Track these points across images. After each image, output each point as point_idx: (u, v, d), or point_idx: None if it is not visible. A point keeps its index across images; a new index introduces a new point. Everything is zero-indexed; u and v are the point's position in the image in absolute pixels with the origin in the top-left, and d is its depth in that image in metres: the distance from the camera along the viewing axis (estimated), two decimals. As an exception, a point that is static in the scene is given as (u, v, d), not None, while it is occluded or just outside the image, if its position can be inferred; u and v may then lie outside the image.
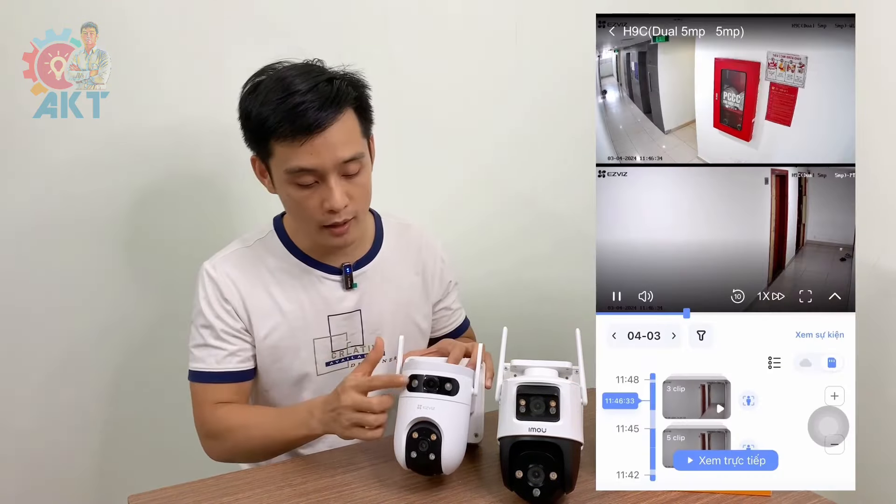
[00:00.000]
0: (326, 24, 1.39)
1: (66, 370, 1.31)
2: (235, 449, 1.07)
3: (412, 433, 0.92)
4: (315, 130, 0.97)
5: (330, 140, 0.98)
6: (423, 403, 0.92)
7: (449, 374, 0.94)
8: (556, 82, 1.63)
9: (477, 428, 1.05)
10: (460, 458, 0.94)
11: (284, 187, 1.03)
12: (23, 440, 1.30)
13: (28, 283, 1.26)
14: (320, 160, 0.99)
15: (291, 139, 0.97)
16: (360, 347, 1.16)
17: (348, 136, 1.01)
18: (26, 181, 1.24)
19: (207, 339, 1.08)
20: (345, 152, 1.00)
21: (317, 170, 1.00)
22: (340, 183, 1.02)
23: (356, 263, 1.15)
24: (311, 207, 1.03)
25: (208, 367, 1.08)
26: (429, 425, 0.91)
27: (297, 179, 1.01)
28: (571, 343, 0.98)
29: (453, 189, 1.58)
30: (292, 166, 0.99)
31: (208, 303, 1.08)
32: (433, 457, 0.91)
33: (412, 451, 0.92)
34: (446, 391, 0.93)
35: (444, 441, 0.91)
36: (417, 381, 0.94)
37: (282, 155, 1.00)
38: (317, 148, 0.98)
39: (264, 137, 1.00)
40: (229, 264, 1.10)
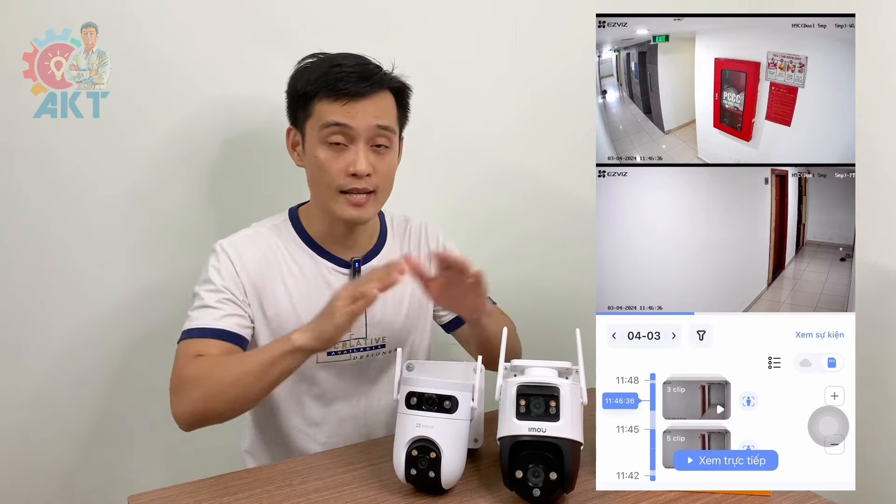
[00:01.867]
0: (326, 24, 1.39)
1: (66, 370, 1.30)
2: (207, 390, 0.98)
3: (411, 450, 0.91)
4: (356, 96, 1.06)
5: (367, 107, 1.07)
6: (422, 422, 0.92)
7: (447, 391, 0.93)
8: (555, 82, 1.63)
9: (477, 433, 1.05)
10: (460, 473, 0.93)
11: (314, 148, 1.08)
12: (23, 440, 1.30)
13: (28, 282, 1.26)
14: (355, 120, 1.06)
15: (334, 98, 1.06)
16: (363, 340, 1.18)
17: (384, 111, 1.09)
18: (26, 181, 1.24)
19: (208, 300, 1.06)
20: (380, 120, 1.08)
21: (350, 128, 1.06)
22: (368, 152, 1.08)
23: (363, 258, 1.18)
24: (335, 170, 1.07)
25: (203, 324, 1.04)
26: (428, 443, 0.91)
27: (329, 137, 1.07)
28: (571, 343, 0.98)
29: (452, 189, 1.58)
30: (329, 120, 1.06)
31: (218, 272, 1.08)
32: (433, 474, 0.91)
33: (412, 469, 0.92)
34: (445, 409, 0.92)
35: (444, 459, 0.91)
36: (416, 398, 0.93)
37: (321, 112, 1.07)
38: (355, 109, 1.06)
39: (309, 98, 1.08)
40: (243, 243, 1.12)
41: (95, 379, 1.33)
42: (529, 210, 1.67)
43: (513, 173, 1.64)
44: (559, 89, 1.63)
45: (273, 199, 1.30)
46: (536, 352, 1.08)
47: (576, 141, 1.60)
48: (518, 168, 1.64)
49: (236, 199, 1.38)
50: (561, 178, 1.67)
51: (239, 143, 1.36)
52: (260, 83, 1.34)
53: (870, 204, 1.27)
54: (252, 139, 1.36)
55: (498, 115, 1.60)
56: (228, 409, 0.99)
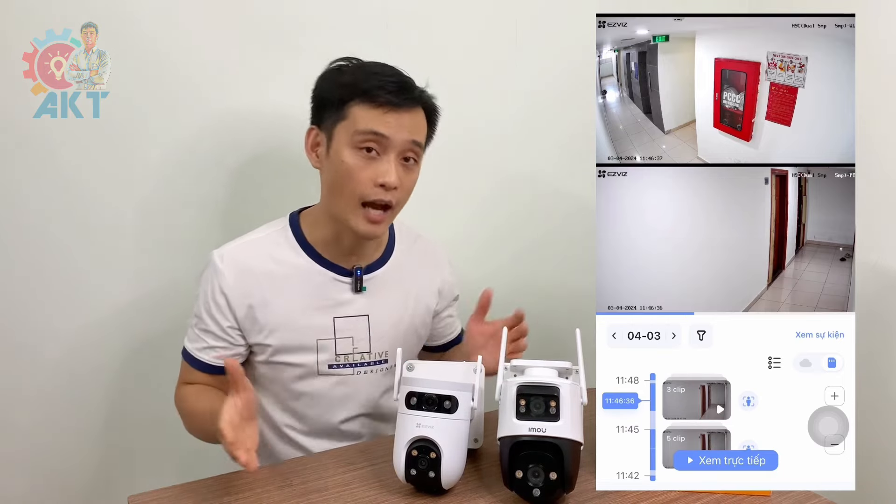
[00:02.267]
0: (327, 24, 1.39)
1: (66, 369, 1.30)
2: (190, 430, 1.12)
3: (411, 451, 0.91)
4: (396, 107, 1.05)
5: (406, 120, 1.06)
6: (423, 422, 0.92)
7: (448, 391, 0.93)
8: (555, 82, 1.62)
9: (477, 433, 1.05)
10: (460, 473, 0.93)
11: (343, 152, 1.06)
12: (23, 440, 1.30)
13: (28, 282, 1.26)
14: (392, 131, 1.05)
15: (377, 105, 1.04)
16: (367, 355, 1.15)
17: (418, 127, 1.09)
18: (26, 181, 1.23)
19: (195, 326, 1.12)
20: (416, 136, 1.08)
21: (387, 139, 1.05)
22: (398, 164, 1.07)
23: (367, 268, 1.15)
24: (363, 179, 1.05)
25: (191, 349, 1.12)
26: (428, 443, 0.91)
27: (362, 143, 1.05)
28: (571, 343, 0.98)
29: (452, 189, 1.58)
30: (367, 127, 1.04)
31: (205, 295, 1.10)
32: (433, 474, 0.91)
33: (412, 469, 0.92)
34: (445, 409, 0.92)
35: (444, 459, 0.91)
36: (416, 398, 0.93)
37: (359, 116, 1.05)
38: (395, 120, 1.05)
39: (348, 98, 1.06)
40: (239, 255, 1.10)
41: (96, 379, 1.33)
42: (529, 210, 1.67)
43: (512, 173, 1.64)
44: (559, 89, 1.63)
45: (274, 199, 1.30)
46: (536, 352, 1.08)
47: (576, 141, 1.60)
48: (518, 168, 1.64)
49: (237, 199, 1.38)
50: (561, 179, 1.67)
51: (239, 144, 1.36)
52: (260, 83, 1.34)
53: (870, 204, 1.27)
54: (253, 139, 1.36)
55: (498, 115, 1.60)
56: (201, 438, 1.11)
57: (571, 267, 1.67)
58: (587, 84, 1.00)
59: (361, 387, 1.17)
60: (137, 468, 1.37)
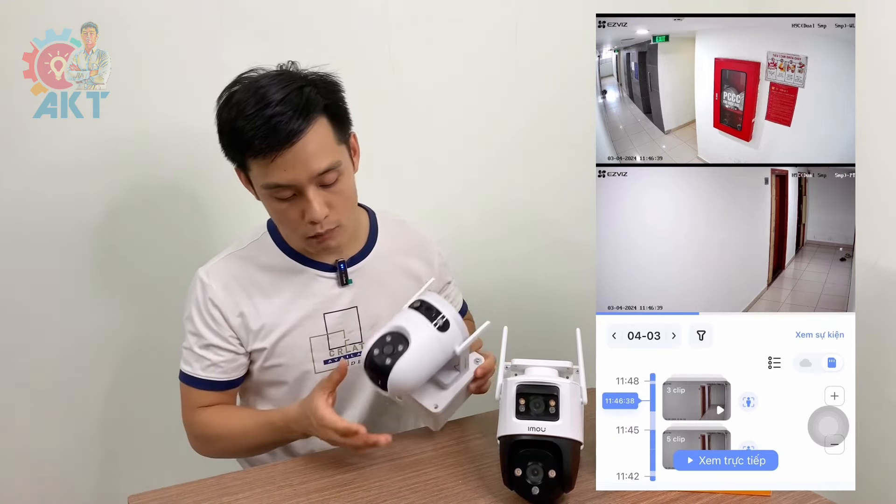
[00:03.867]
0: (327, 24, 1.39)
1: (65, 370, 1.31)
2: (223, 453, 1.13)
3: (386, 336, 0.97)
4: (286, 145, 0.96)
5: (302, 153, 0.97)
6: (410, 319, 0.98)
7: (447, 314, 0.98)
8: (555, 82, 1.63)
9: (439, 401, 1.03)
10: (410, 385, 0.97)
11: (265, 200, 1.05)
12: (23, 440, 1.30)
13: (28, 282, 1.26)
14: (294, 175, 0.98)
15: (264, 156, 0.97)
16: (359, 345, 1.16)
17: (321, 147, 0.99)
18: (26, 181, 1.24)
19: (193, 346, 1.10)
20: (319, 164, 0.99)
21: (292, 184, 0.99)
22: (319, 194, 1.01)
23: (350, 260, 1.15)
24: (293, 220, 1.03)
25: (194, 371, 1.10)
26: (402, 338, 0.96)
27: (275, 194, 1.01)
28: (571, 343, 0.98)
29: (453, 189, 1.58)
30: (268, 182, 0.99)
31: (198, 310, 1.09)
32: (389, 362, 0.95)
33: (376, 349, 0.96)
34: (437, 326, 0.98)
35: (405, 357, 0.95)
36: (422, 304, 1.00)
37: (257, 170, 1.00)
38: (289, 162, 0.97)
39: (240, 152, 1.00)
40: (223, 269, 1.11)
41: (96, 379, 1.34)
42: (529, 210, 1.67)
43: (512, 173, 1.64)
44: (559, 89, 1.63)
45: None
46: (536, 352, 1.08)
47: (576, 141, 1.60)
48: (518, 168, 1.64)
49: (237, 199, 1.37)
50: (561, 178, 1.67)
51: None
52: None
53: (870, 204, 1.27)
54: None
55: (498, 115, 1.60)
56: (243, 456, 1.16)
57: (571, 267, 1.67)
58: (587, 84, 1.00)
59: (357, 379, 1.17)
60: (137, 468, 1.37)
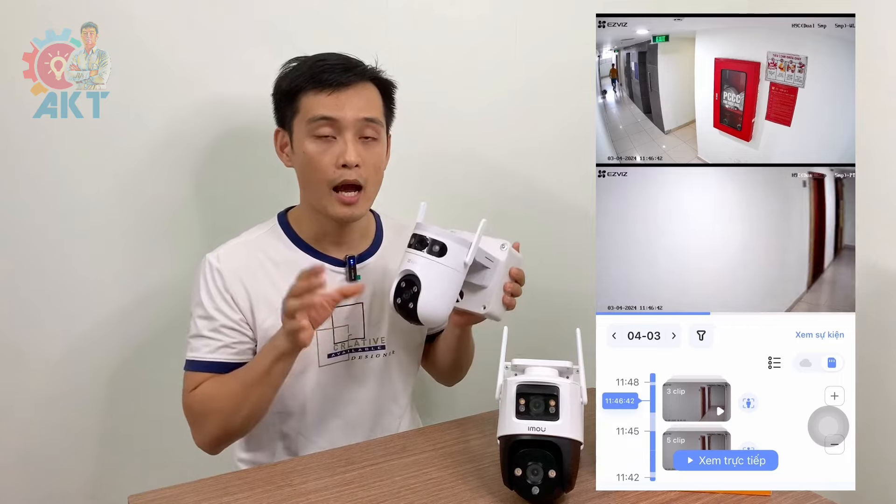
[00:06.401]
0: (327, 24, 1.39)
1: (65, 370, 1.30)
2: (223, 425, 1.06)
3: (401, 282, 1.01)
4: (340, 86, 1.07)
5: (356, 97, 1.08)
6: (411, 258, 1.02)
7: (440, 237, 1.01)
8: (555, 82, 1.62)
9: (486, 301, 1.09)
10: (440, 314, 1.02)
11: (302, 144, 1.09)
12: (23, 440, 1.30)
13: (28, 282, 1.26)
14: (342, 112, 1.07)
15: (319, 90, 1.07)
16: (362, 340, 1.17)
17: (370, 103, 1.10)
18: (26, 181, 1.24)
19: (203, 329, 1.09)
20: (367, 111, 1.09)
21: (337, 120, 1.07)
22: (356, 143, 1.08)
23: (359, 256, 1.17)
24: (325, 164, 1.07)
25: (200, 356, 1.09)
26: (413, 278, 1.00)
27: (316, 130, 1.07)
28: (571, 343, 0.98)
29: (453, 188, 1.58)
30: (315, 114, 1.07)
31: (209, 293, 1.09)
32: (412, 306, 1.00)
33: (398, 298, 1.02)
34: (434, 252, 1.00)
35: (423, 294, 0.99)
36: (413, 238, 1.03)
37: (307, 106, 1.08)
38: (340, 101, 1.07)
39: (295, 94, 1.09)
40: (233, 255, 1.12)
41: (96, 379, 1.33)
42: (529, 210, 1.67)
43: (512, 173, 1.64)
44: (559, 89, 1.63)
45: (274, 199, 1.30)
46: (536, 352, 1.08)
47: (576, 141, 1.60)
48: (517, 168, 1.64)
49: (237, 199, 1.38)
50: (561, 178, 1.67)
51: (240, 144, 1.36)
52: (261, 84, 1.33)
53: (870, 204, 1.27)
54: (253, 140, 1.36)
55: (497, 114, 1.60)
56: (246, 423, 1.08)
57: (571, 267, 1.67)
58: (587, 84, 1.00)
59: (359, 374, 1.18)
60: (137, 468, 1.37)
